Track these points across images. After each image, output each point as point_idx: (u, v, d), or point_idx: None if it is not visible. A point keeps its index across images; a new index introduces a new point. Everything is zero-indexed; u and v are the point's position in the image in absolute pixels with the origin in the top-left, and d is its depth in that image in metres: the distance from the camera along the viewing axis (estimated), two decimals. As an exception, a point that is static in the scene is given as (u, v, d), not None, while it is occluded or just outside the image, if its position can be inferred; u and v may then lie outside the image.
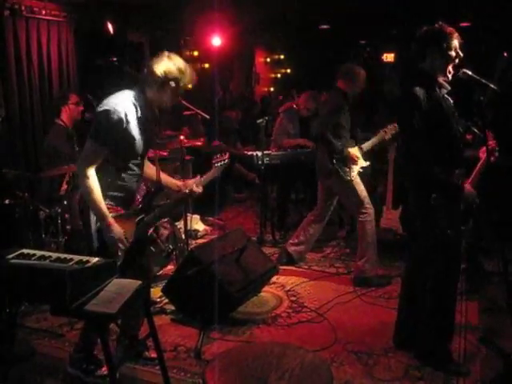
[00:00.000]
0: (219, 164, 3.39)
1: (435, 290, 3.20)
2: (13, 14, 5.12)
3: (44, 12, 5.47)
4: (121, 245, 2.86)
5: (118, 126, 2.79)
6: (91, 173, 2.81)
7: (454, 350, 3.33)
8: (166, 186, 3.31)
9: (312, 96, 6.06)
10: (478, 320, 3.85)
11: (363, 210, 4.56)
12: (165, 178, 3.32)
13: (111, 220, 2.84)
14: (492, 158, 3.23)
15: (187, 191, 3.25)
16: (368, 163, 4.74)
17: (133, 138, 2.87)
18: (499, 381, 3.04)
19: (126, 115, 2.81)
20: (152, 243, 4.33)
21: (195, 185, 3.27)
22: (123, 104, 2.82)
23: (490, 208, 3.98)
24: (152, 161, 3.30)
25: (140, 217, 3.06)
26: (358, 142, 4.76)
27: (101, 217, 2.83)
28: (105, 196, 2.89)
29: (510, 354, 3.13)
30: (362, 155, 4.72)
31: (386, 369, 3.26)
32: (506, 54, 5.43)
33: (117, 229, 2.85)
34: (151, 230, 3.27)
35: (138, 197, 3.17)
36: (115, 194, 2.96)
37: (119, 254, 2.87)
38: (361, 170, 4.67)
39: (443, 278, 3.17)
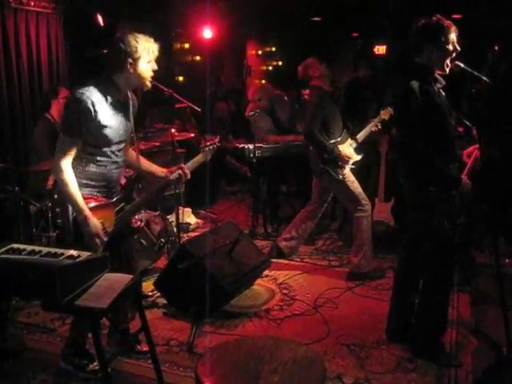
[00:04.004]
0: (208, 148, 3.33)
1: (429, 282, 3.21)
2: (0, 5, 5.05)
3: (32, 3, 5.40)
4: (97, 239, 2.82)
5: (85, 115, 2.75)
6: (66, 166, 2.79)
7: (445, 341, 3.35)
8: (149, 172, 3.26)
9: (260, 87, 6.10)
10: (469, 312, 3.88)
11: (359, 207, 4.54)
12: (148, 164, 3.28)
13: (88, 213, 2.80)
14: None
15: (172, 177, 3.20)
16: (360, 156, 4.71)
17: (104, 126, 2.83)
18: (490, 372, 3.05)
19: (92, 104, 2.77)
20: (139, 234, 4.30)
21: (182, 170, 3.21)
22: (88, 93, 2.78)
23: (481, 201, 3.99)
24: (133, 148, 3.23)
25: (120, 206, 3.02)
26: (352, 133, 4.73)
27: (77, 210, 2.80)
28: (83, 185, 2.86)
29: (501, 346, 3.15)
30: (357, 147, 4.68)
31: (378, 361, 3.28)
32: (496, 48, 5.44)
33: (93, 222, 2.80)
34: (139, 222, 3.23)
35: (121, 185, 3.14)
36: (93, 182, 2.92)
37: (97, 246, 2.83)
38: (353, 167, 4.63)
39: (438, 270, 3.18)
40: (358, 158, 4.67)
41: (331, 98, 4.75)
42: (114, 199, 3.01)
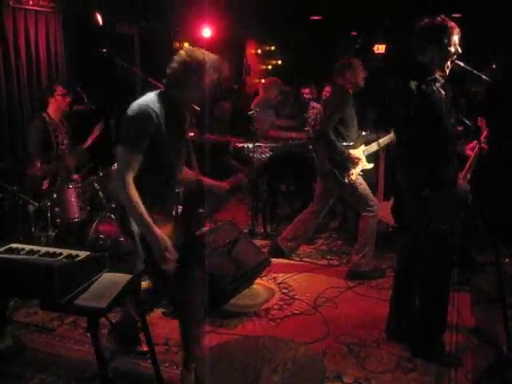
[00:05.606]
0: (260, 156, 3.40)
1: (428, 282, 3.20)
2: (-1, 5, 5.05)
3: (31, 2, 5.40)
4: (168, 254, 2.63)
5: (150, 129, 2.63)
6: (130, 180, 2.61)
7: (445, 341, 3.34)
8: (207, 186, 3.22)
9: (274, 83, 6.11)
10: (469, 311, 3.87)
11: (368, 208, 4.52)
12: (206, 180, 3.22)
13: (156, 229, 2.62)
14: (484, 146, 3.22)
15: (231, 185, 3.22)
16: (372, 165, 4.65)
17: (165, 140, 2.71)
18: (491, 371, 3.05)
19: (157, 117, 2.65)
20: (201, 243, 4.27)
21: (239, 179, 3.26)
22: (153, 106, 2.67)
23: (482, 201, 3.99)
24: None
25: (183, 219, 3.00)
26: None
27: (145, 226, 2.61)
28: (148, 207, 2.65)
29: (501, 345, 3.14)
30: (376, 152, 4.67)
31: (378, 360, 3.27)
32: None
33: (163, 238, 2.62)
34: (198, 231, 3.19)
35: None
36: (158, 202, 2.79)
37: (169, 262, 2.65)
38: (361, 173, 4.55)
39: (436, 270, 3.17)
40: (368, 166, 4.61)
41: (353, 102, 4.65)
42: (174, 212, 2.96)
